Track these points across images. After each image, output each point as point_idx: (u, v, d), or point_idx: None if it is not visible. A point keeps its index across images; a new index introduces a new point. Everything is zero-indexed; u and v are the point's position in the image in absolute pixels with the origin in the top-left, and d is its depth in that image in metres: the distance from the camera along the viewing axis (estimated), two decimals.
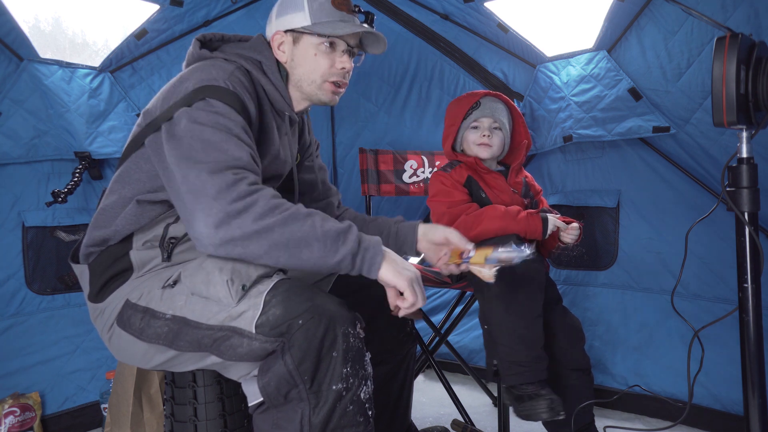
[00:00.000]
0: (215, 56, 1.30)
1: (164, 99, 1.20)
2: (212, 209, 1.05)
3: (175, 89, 1.20)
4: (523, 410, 1.58)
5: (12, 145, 1.99)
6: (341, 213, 1.62)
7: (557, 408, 1.54)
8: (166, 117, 1.16)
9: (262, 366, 1.08)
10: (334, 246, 1.09)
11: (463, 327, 2.71)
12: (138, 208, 1.23)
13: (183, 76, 1.22)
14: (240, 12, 2.38)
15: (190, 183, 1.08)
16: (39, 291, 2.10)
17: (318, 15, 1.31)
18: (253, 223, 1.05)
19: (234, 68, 1.24)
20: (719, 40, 1.17)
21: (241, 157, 1.12)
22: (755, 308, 1.25)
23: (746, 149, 1.25)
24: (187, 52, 1.33)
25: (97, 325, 1.28)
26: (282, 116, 1.38)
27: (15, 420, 1.93)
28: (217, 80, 1.18)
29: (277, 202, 1.09)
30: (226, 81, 1.19)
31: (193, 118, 1.13)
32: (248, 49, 1.34)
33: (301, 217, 1.09)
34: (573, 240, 1.81)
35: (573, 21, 2.51)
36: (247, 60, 1.31)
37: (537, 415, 1.55)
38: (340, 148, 2.94)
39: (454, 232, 1.40)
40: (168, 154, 1.14)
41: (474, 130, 1.89)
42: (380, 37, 1.38)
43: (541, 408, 1.54)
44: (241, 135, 1.15)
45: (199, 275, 1.15)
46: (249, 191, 1.07)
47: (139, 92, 2.32)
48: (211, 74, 1.19)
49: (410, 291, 1.14)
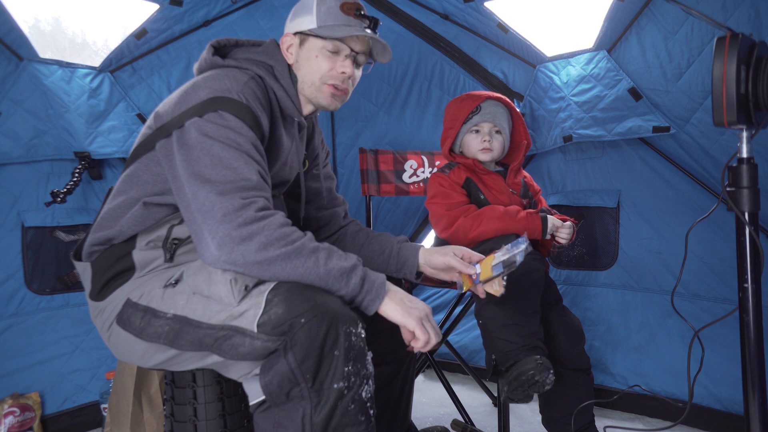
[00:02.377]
0: (227, 63, 1.29)
1: (177, 104, 1.20)
2: (218, 232, 1.07)
3: (188, 95, 1.19)
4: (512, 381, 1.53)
5: (12, 145, 1.99)
6: (346, 224, 1.61)
7: (546, 365, 1.51)
8: (178, 124, 1.17)
9: (264, 365, 1.08)
10: (336, 286, 1.12)
11: (463, 327, 2.71)
12: (144, 210, 1.23)
13: (197, 83, 1.22)
14: (240, 12, 2.38)
15: (200, 201, 1.10)
16: (38, 291, 2.10)
17: (324, 18, 1.32)
18: (256, 253, 1.07)
19: (248, 78, 1.24)
20: (719, 40, 1.17)
21: (251, 177, 1.13)
22: (755, 308, 1.25)
23: (746, 149, 1.25)
24: (200, 57, 1.33)
25: (97, 323, 1.28)
26: (291, 122, 1.39)
27: (15, 420, 1.93)
28: (231, 92, 1.18)
29: (283, 233, 1.10)
30: (240, 93, 1.19)
31: (203, 130, 1.14)
32: (260, 53, 1.34)
33: (306, 252, 1.10)
34: (567, 239, 1.81)
35: (573, 21, 2.52)
36: (259, 65, 1.31)
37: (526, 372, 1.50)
38: (340, 148, 2.94)
39: (455, 258, 1.38)
40: (179, 165, 1.15)
41: (475, 135, 1.89)
42: (385, 45, 1.38)
43: (528, 364, 1.51)
44: (251, 152, 1.16)
45: (201, 274, 1.15)
46: (256, 218, 1.09)
47: (138, 92, 2.32)
48: (224, 84, 1.19)
49: (420, 330, 1.15)
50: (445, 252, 1.40)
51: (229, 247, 1.07)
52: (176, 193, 1.17)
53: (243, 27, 2.41)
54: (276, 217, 1.12)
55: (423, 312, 1.17)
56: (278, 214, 1.13)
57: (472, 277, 1.36)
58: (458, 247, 1.42)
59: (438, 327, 1.19)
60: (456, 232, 1.78)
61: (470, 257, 1.39)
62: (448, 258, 1.38)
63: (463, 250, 1.41)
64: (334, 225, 1.59)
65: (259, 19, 2.43)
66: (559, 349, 1.72)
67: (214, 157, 1.12)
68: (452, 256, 1.38)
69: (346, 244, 1.55)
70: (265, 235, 1.08)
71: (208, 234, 1.08)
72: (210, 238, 1.08)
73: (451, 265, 1.39)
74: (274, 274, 1.09)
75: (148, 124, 1.26)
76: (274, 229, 1.09)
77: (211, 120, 1.15)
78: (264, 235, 1.08)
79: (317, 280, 1.10)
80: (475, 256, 1.39)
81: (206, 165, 1.12)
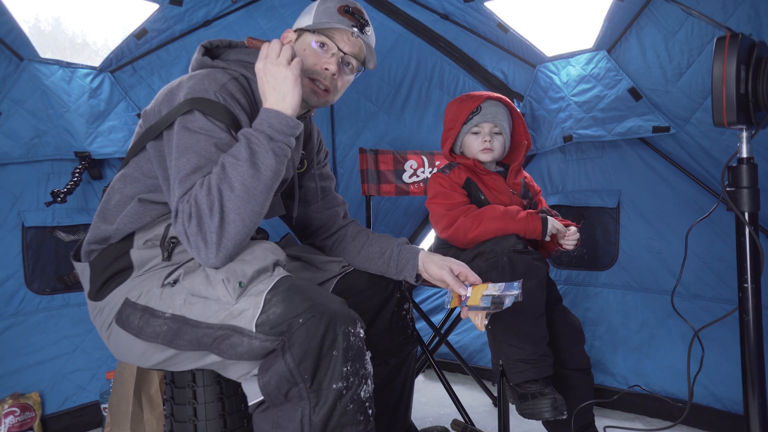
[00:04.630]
0: (215, 65, 1.30)
1: (162, 103, 1.23)
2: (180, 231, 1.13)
3: (171, 95, 1.22)
4: (526, 408, 1.58)
5: (12, 144, 1.99)
6: (346, 224, 1.60)
7: (560, 407, 1.54)
8: (165, 124, 1.19)
9: (263, 365, 1.08)
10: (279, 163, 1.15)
11: (463, 327, 2.71)
12: (140, 207, 1.24)
13: (181, 82, 1.24)
14: (240, 12, 2.38)
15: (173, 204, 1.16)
16: (38, 291, 2.10)
17: (320, 17, 1.34)
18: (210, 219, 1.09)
19: (228, 79, 1.24)
20: (719, 40, 1.17)
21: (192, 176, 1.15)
22: (755, 308, 1.25)
23: (746, 149, 1.25)
24: (192, 58, 1.34)
25: (97, 323, 1.28)
26: None
27: (15, 420, 1.93)
28: (207, 92, 1.19)
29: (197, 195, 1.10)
30: (217, 93, 1.19)
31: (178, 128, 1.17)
32: (252, 54, 1.34)
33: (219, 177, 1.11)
34: (573, 245, 1.81)
35: (573, 21, 2.52)
36: (248, 66, 1.32)
37: (540, 414, 1.55)
38: (340, 148, 2.94)
39: (450, 275, 1.37)
40: None
41: (475, 136, 1.89)
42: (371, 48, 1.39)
43: (544, 407, 1.55)
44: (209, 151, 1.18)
45: (198, 276, 1.15)
46: (186, 199, 1.12)
47: (139, 92, 2.32)
48: (203, 85, 1.20)
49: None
50: (442, 265, 1.38)
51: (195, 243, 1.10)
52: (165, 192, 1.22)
53: (243, 27, 2.41)
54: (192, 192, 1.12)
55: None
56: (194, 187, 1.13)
57: (461, 297, 1.35)
58: (458, 263, 1.40)
59: None
60: (456, 231, 1.78)
61: (466, 276, 1.38)
62: (443, 273, 1.37)
63: (462, 267, 1.38)
64: (333, 225, 1.59)
65: (259, 19, 2.44)
66: (560, 350, 1.72)
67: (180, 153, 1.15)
68: (448, 272, 1.37)
69: (346, 245, 1.55)
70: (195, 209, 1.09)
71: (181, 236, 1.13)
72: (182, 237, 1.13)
73: (445, 280, 1.37)
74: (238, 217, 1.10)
75: (139, 123, 1.30)
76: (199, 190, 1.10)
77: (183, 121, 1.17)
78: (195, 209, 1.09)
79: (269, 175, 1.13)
80: (471, 276, 1.37)
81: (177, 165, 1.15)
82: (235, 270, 1.11)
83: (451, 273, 1.37)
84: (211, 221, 1.08)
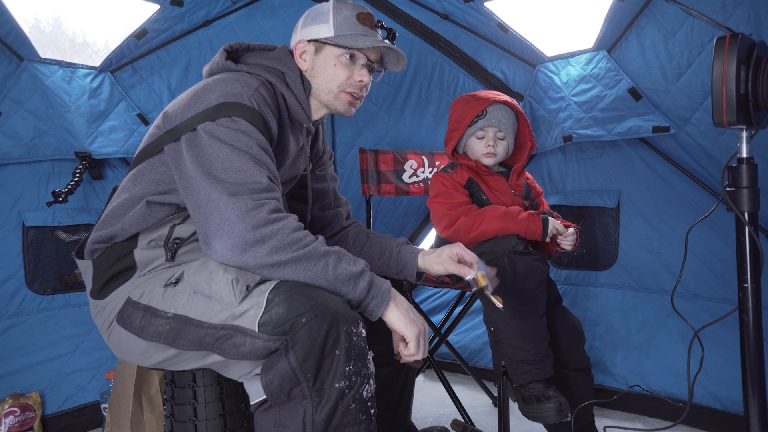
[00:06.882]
0: (240, 69, 1.31)
1: (187, 106, 1.21)
2: (232, 233, 1.09)
3: (198, 98, 1.21)
4: (530, 411, 1.58)
5: (12, 145, 1.99)
6: (348, 225, 1.62)
7: (565, 410, 1.55)
8: (189, 127, 1.18)
9: (266, 364, 1.08)
10: (344, 290, 1.13)
11: (463, 327, 2.71)
12: (147, 209, 1.24)
13: (207, 85, 1.23)
14: (240, 12, 2.38)
15: (213, 202, 1.11)
16: (39, 291, 2.10)
17: (342, 27, 1.34)
18: (268, 256, 1.09)
19: (258, 84, 1.26)
20: (719, 40, 1.17)
21: (260, 180, 1.14)
22: (755, 308, 1.25)
23: (746, 149, 1.25)
24: (212, 60, 1.34)
25: (98, 321, 1.28)
26: (299, 127, 1.40)
27: (15, 420, 1.93)
28: (242, 96, 1.19)
29: (295, 237, 1.11)
30: (251, 98, 1.20)
31: (215, 134, 1.16)
32: (272, 59, 1.35)
33: (316, 256, 1.12)
34: (571, 246, 1.82)
35: (573, 21, 2.52)
36: (271, 71, 1.33)
37: (545, 417, 1.56)
38: (340, 148, 2.95)
39: (452, 264, 1.39)
40: (190, 167, 1.16)
41: (479, 140, 1.89)
42: (401, 54, 1.41)
43: (549, 411, 1.55)
44: (260, 156, 1.18)
45: (202, 274, 1.15)
46: (269, 220, 1.10)
47: (139, 92, 2.32)
48: (236, 89, 1.20)
49: (415, 343, 1.19)
50: (441, 261, 1.41)
51: (241, 249, 1.08)
52: (184, 194, 1.19)
53: (243, 27, 2.41)
54: (289, 220, 1.13)
55: (423, 327, 1.21)
56: (291, 217, 1.15)
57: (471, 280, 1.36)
58: (450, 247, 1.42)
59: (428, 346, 1.23)
60: (457, 231, 1.78)
61: (463, 257, 1.40)
62: (446, 264, 1.40)
63: (456, 250, 1.41)
64: (336, 225, 1.60)
65: (259, 19, 2.44)
66: (560, 350, 1.73)
67: (225, 160, 1.14)
68: (450, 263, 1.40)
69: (348, 246, 1.56)
70: (278, 239, 1.09)
71: (221, 234, 1.09)
72: (224, 238, 1.09)
73: (449, 270, 1.40)
74: (283, 275, 1.11)
75: (156, 123, 1.28)
76: (288, 233, 1.11)
77: (222, 124, 1.17)
78: (277, 239, 1.09)
79: (325, 284, 1.12)
80: (467, 255, 1.40)
81: (217, 167, 1.13)
82: (246, 273, 1.12)
83: (453, 262, 1.40)
84: (270, 254, 1.09)
